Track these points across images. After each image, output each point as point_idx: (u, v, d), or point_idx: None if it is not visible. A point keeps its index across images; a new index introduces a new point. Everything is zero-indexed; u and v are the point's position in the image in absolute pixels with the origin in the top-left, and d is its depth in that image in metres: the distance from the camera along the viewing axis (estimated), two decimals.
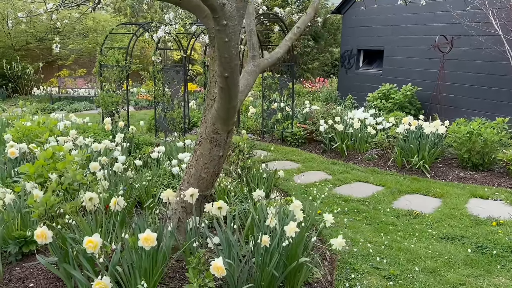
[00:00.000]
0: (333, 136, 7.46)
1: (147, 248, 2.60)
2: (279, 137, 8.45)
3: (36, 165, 4.11)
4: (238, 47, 2.71)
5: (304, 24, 4.49)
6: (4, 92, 15.82)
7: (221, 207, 3.10)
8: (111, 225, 3.21)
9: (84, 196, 3.20)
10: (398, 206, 5.18)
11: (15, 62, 15.81)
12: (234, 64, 2.75)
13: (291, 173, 6.44)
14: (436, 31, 9.37)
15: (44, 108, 13.49)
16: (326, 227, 4.45)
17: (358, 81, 12.02)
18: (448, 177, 6.18)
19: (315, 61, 14.08)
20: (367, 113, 8.12)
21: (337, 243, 2.97)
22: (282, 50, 4.15)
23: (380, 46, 11.20)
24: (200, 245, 3.33)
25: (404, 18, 10.43)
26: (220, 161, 3.42)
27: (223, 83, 2.84)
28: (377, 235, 4.34)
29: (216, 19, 2.57)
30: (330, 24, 14.77)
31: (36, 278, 3.25)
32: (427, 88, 9.61)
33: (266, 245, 2.85)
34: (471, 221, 4.66)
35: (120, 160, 5.00)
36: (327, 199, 5.38)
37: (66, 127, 7.00)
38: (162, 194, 3.24)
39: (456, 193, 5.51)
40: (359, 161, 7.07)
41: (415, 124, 6.91)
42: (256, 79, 3.86)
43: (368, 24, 11.52)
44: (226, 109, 3.06)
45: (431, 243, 4.16)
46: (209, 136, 3.31)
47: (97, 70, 8.45)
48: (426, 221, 4.70)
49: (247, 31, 3.86)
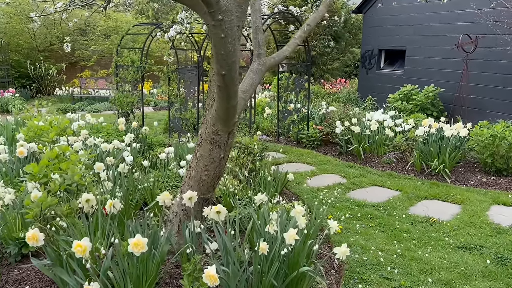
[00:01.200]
0: (349, 138, 7.24)
1: (137, 254, 2.48)
2: (294, 138, 8.27)
3: (40, 165, 4.05)
4: (235, 43, 2.57)
5: (314, 21, 4.31)
6: (28, 93, 16.12)
7: (220, 211, 2.96)
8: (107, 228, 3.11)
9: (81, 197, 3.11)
10: (415, 212, 4.94)
11: (38, 63, 16.10)
12: (231, 61, 2.61)
13: (304, 176, 6.26)
14: (460, 30, 9.01)
15: (65, 108, 13.66)
16: (336, 233, 4.31)
17: (379, 82, 11.72)
18: (470, 182, 5.89)
19: (335, 61, 13.80)
20: (385, 115, 7.86)
21: (340, 252, 2.79)
22: (290, 48, 3.98)
23: (402, 46, 10.88)
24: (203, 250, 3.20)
25: (426, 17, 10.10)
26: (221, 163, 3.29)
27: (221, 81, 2.71)
28: (390, 243, 4.13)
29: (211, 14, 2.43)
30: (351, 24, 14.48)
31: (32, 281, 3.18)
32: (450, 90, 9.26)
33: (264, 253, 2.69)
34: (492, 229, 4.39)
35: (128, 160, 4.93)
36: (339, 203, 5.19)
37: (80, 127, 7.01)
38: (158, 197, 3.12)
39: (477, 200, 5.23)
40: (376, 164, 6.83)
41: (436, 127, 6.63)
42: (262, 78, 3.71)
43: (390, 23, 11.21)
44: (225, 109, 2.93)
45: (447, 253, 3.92)
46: (209, 137, 3.18)
47: (113, 71, 8.46)
48: (443, 228, 4.45)
49: (252, 28, 3.72)
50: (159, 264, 2.77)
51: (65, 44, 5.23)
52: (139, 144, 6.87)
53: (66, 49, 5.34)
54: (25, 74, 16.34)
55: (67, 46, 5.27)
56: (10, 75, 16.19)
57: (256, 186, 4.68)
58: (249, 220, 3.77)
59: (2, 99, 13.71)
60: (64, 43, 5.24)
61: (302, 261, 2.97)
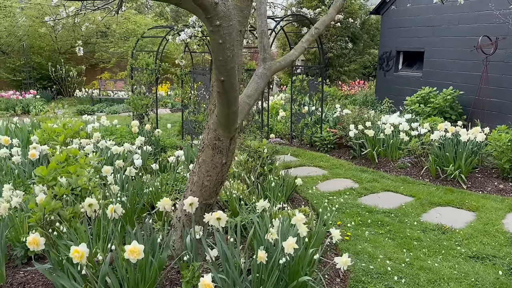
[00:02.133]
0: (363, 142, 7.13)
1: (133, 260, 2.47)
2: (308, 141, 8.20)
3: (49, 168, 4.10)
4: (234, 49, 2.54)
5: (323, 25, 4.25)
6: (49, 94, 16.45)
7: (220, 218, 2.93)
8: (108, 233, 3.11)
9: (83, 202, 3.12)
10: (427, 219, 4.82)
11: (59, 65, 16.42)
12: (230, 67, 2.57)
13: (316, 180, 6.18)
14: (479, 31, 8.79)
15: (84, 110, 13.89)
16: (344, 241, 4.24)
17: (397, 84, 11.53)
18: (486, 189, 5.72)
19: (352, 63, 13.64)
20: (401, 118, 7.72)
21: (341, 262, 2.72)
22: (297, 52, 3.93)
23: (420, 47, 10.68)
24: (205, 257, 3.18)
25: (445, 18, 9.88)
26: (223, 169, 3.26)
27: (220, 87, 2.68)
28: (399, 251, 4.03)
29: (209, 20, 2.41)
30: (369, 25, 14.30)
31: (36, 284, 3.21)
32: (469, 92, 9.03)
33: (263, 261, 2.65)
34: (507, 239, 4.24)
35: (137, 164, 4.95)
36: (350, 209, 5.10)
37: (95, 129, 7.09)
38: (159, 202, 3.11)
39: (493, 207, 5.07)
40: (391, 169, 6.70)
41: (452, 131, 6.47)
42: (268, 82, 3.67)
43: (408, 24, 11.02)
44: (226, 115, 2.90)
45: (457, 262, 3.80)
46: (211, 142, 3.16)
47: (128, 73, 8.53)
48: (455, 237, 4.32)
49: (258, 32, 3.68)
50: (157, 270, 2.75)
51: (77, 47, 5.29)
52: (152, 146, 6.92)
53: (79, 53, 5.39)
54: (46, 76, 16.69)
55: (79, 50, 5.32)
56: (32, 77, 16.56)
57: (263, 191, 4.63)
58: (251, 227, 3.73)
59: (23, 100, 14.01)
60: (76, 47, 5.30)
61: (303, 270, 2.92)
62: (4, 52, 16.74)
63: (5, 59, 16.57)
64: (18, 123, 7.47)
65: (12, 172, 4.99)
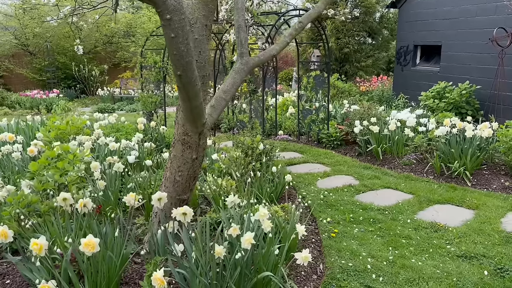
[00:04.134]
0: (369, 138, 6.99)
1: (88, 253, 2.50)
2: (315, 138, 8.10)
3: (39, 163, 4.22)
4: (188, 43, 2.53)
5: (308, 19, 4.18)
6: (73, 93, 16.91)
7: (186, 213, 2.93)
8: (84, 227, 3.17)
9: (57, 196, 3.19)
10: (422, 217, 4.67)
11: (83, 65, 16.84)
12: (185, 62, 2.57)
13: (316, 177, 6.10)
14: (497, 23, 8.44)
15: (105, 108, 14.20)
16: (330, 237, 4.17)
17: (414, 79, 11.24)
18: (492, 186, 5.50)
19: (369, 58, 13.38)
20: (411, 114, 7.52)
21: (301, 257, 2.67)
22: (279, 47, 3.88)
23: (437, 41, 10.37)
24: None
25: (463, 10, 9.56)
26: (194, 164, 3.26)
27: (178, 82, 2.68)
28: (385, 249, 3.93)
29: (159, 14, 2.41)
30: (387, 19, 13.98)
31: (14, 275, 3.31)
32: (487, 87, 8.70)
33: (220, 257, 2.63)
34: (501, 238, 4.07)
35: (129, 160, 5.02)
36: (344, 206, 5.01)
37: (102, 126, 7.24)
38: (125, 197, 3.14)
39: (495, 205, 4.87)
40: (395, 165, 6.54)
41: (461, 126, 6.25)
42: (245, 77, 3.64)
43: (425, 18, 10.72)
44: (189, 110, 2.89)
45: (443, 261, 3.67)
46: (180, 137, 3.16)
47: (138, 72, 8.66)
48: (447, 235, 4.18)
49: (235, 27, 3.65)
50: (116, 264, 2.78)
51: (75, 46, 5.40)
52: (157, 143, 7.01)
53: (78, 52, 5.50)
54: (71, 75, 17.15)
55: (78, 49, 5.43)
56: (57, 77, 17.05)
57: (253, 188, 4.61)
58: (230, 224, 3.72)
59: (47, 99, 14.45)
60: (75, 45, 5.41)
61: (268, 266, 2.88)
62: (31, 52, 17.31)
63: (32, 60, 17.13)
64: (29, 121, 7.71)
65: (3, 167, 5.15)
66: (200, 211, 4.44)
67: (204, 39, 3.05)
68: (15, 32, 16.50)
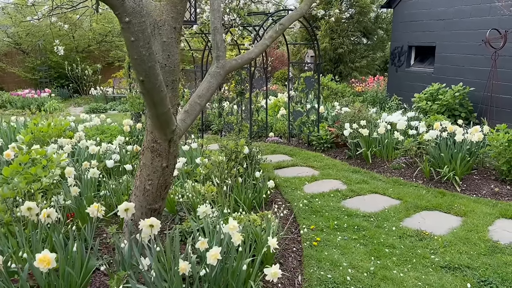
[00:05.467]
0: (358, 141, 6.85)
1: (44, 270, 2.37)
2: (305, 140, 7.97)
3: (10, 168, 4.07)
4: (150, 47, 2.39)
5: (290, 21, 4.04)
6: (66, 92, 16.76)
7: (153, 225, 2.79)
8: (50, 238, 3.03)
9: (21, 206, 3.05)
10: (408, 224, 4.54)
11: (76, 64, 16.68)
12: (148, 67, 2.43)
13: (303, 181, 5.97)
14: (491, 24, 8.31)
15: (97, 108, 14.06)
16: (312, 246, 4.04)
17: (409, 80, 11.10)
18: (481, 192, 5.37)
19: (364, 59, 13.23)
20: (402, 116, 7.39)
21: (270, 273, 2.54)
22: (257, 50, 3.74)
23: (431, 42, 10.23)
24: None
25: (457, 11, 9.42)
26: (164, 173, 3.12)
27: (142, 87, 2.54)
28: (367, 259, 3.79)
29: (118, 16, 2.27)
30: (382, 19, 13.84)
31: None
32: (480, 89, 8.57)
33: (185, 272, 2.50)
34: (487, 247, 3.94)
35: (108, 165, 4.89)
36: (329, 212, 4.88)
37: (87, 128, 7.10)
38: (88, 208, 3.00)
39: (483, 212, 4.74)
40: (385, 169, 6.40)
41: (451, 130, 6.12)
42: (221, 81, 3.51)
43: (420, 18, 10.58)
44: (156, 116, 2.76)
45: (426, 273, 3.54)
46: (149, 145, 3.03)
47: (125, 71, 8.52)
48: (432, 244, 4.05)
49: (211, 29, 3.52)
50: (77, 281, 2.64)
51: (55, 47, 5.27)
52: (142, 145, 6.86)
53: (59, 53, 5.37)
54: (64, 74, 17.00)
55: (58, 50, 5.30)
56: (49, 76, 16.89)
57: (233, 194, 4.47)
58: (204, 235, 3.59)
59: (38, 99, 14.30)
60: (55, 46, 5.28)
61: (239, 281, 2.75)
62: (24, 51, 17.15)
63: (24, 58, 16.97)
64: (12, 122, 7.56)
65: None
66: (179, 219, 4.30)
67: (173, 42, 2.91)
68: (7, 30, 16.34)
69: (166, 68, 2.92)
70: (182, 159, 5.17)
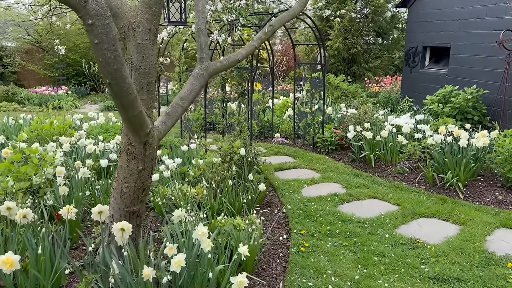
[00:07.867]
0: (362, 144, 6.72)
1: (7, 271, 2.37)
2: (310, 142, 7.86)
3: (1, 167, 4.13)
4: (116, 49, 2.36)
5: (281, 22, 3.97)
6: (84, 90, 17.01)
7: (124, 229, 2.77)
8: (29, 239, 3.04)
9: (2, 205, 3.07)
10: (403, 232, 4.41)
11: (93, 62, 16.90)
12: (113, 70, 2.40)
13: (302, 184, 5.88)
14: (507, 25, 8.03)
15: (111, 106, 14.21)
16: (300, 252, 3.96)
17: (423, 82, 10.85)
18: (484, 200, 5.18)
19: (378, 59, 12.98)
20: (411, 119, 7.22)
21: (236, 282, 2.48)
22: (245, 51, 3.68)
23: (446, 42, 9.97)
24: None
25: (473, 11, 9.14)
26: (141, 175, 3.09)
27: (110, 90, 2.51)
28: (354, 267, 3.69)
29: (81, 18, 2.25)
30: (397, 19, 13.56)
31: None
32: (495, 91, 8.29)
33: (149, 279, 2.46)
34: (481, 258, 3.78)
35: (102, 164, 4.90)
36: (324, 217, 4.79)
37: (92, 127, 7.16)
38: (61, 210, 2.99)
39: (483, 221, 4.57)
40: (388, 173, 6.25)
41: (458, 134, 5.94)
42: (205, 83, 3.46)
43: (435, 18, 10.32)
44: (127, 119, 2.73)
45: (412, 284, 3.42)
46: (125, 147, 3.00)
47: None
48: (424, 253, 3.91)
49: (196, 30, 3.47)
50: (43, 284, 2.64)
51: (56, 46, 5.31)
52: None
53: (60, 53, 5.43)
54: (81, 72, 17.25)
55: (58, 49, 5.35)
56: (67, 73, 17.17)
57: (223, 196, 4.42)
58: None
59: (55, 96, 14.56)
60: (55, 46, 5.32)
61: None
62: (44, 49, 17.47)
63: (43, 56, 17.29)
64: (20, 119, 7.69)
65: None
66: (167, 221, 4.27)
67: (148, 44, 2.88)
68: (28, 29, 16.66)
69: (141, 70, 2.89)
70: (178, 160, 5.15)
